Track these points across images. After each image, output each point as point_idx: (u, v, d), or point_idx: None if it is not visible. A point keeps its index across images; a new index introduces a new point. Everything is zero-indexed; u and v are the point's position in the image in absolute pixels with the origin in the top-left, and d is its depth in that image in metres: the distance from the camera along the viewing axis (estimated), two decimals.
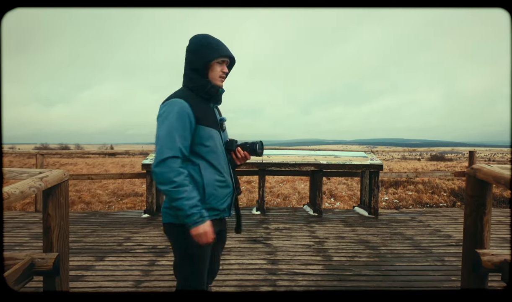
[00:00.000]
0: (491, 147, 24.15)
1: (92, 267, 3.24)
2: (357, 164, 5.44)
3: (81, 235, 4.31)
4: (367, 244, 3.99)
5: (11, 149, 10.04)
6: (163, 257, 3.50)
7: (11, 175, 1.96)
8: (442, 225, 4.88)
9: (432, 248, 3.84)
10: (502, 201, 8.67)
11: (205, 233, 1.48)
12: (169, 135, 1.48)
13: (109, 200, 9.61)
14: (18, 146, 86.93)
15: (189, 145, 1.55)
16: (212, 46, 1.62)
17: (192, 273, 1.61)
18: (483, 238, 1.78)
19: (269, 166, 5.47)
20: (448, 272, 3.14)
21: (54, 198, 1.92)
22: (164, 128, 1.49)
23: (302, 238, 4.19)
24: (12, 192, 1.48)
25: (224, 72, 1.67)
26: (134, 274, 3.07)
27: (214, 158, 1.60)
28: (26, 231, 4.57)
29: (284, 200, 9.72)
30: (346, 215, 5.53)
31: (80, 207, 8.66)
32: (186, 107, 1.53)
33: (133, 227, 4.72)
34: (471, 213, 1.81)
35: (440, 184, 10.84)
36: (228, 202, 1.69)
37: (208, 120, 1.62)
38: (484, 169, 1.72)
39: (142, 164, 5.53)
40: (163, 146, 1.47)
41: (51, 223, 1.90)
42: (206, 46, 1.62)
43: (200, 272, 1.62)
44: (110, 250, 3.75)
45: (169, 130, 1.49)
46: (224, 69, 1.67)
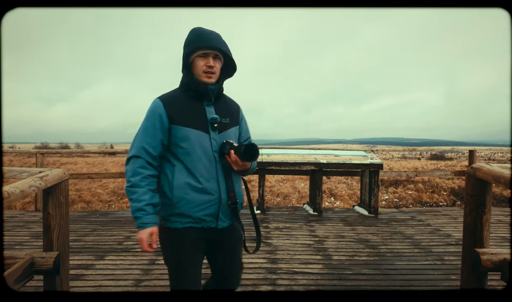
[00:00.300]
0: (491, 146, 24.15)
1: (92, 266, 3.24)
2: (357, 163, 5.44)
3: (81, 234, 4.32)
4: (367, 243, 3.99)
5: (11, 149, 10.04)
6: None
7: (11, 174, 1.96)
8: (442, 224, 4.88)
9: (432, 247, 3.85)
10: (502, 200, 8.67)
11: (140, 239, 1.43)
12: (137, 135, 1.53)
13: (109, 199, 9.61)
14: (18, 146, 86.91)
15: (162, 145, 1.51)
16: (193, 39, 1.51)
17: (173, 276, 1.55)
18: (482, 237, 1.78)
19: (269, 165, 5.47)
20: (448, 271, 3.14)
21: (54, 197, 1.92)
22: (139, 129, 1.54)
23: (302, 237, 4.19)
24: (12, 191, 1.48)
25: (208, 66, 1.51)
26: (134, 273, 3.07)
27: (189, 161, 1.48)
28: (27, 230, 4.57)
29: (284, 199, 9.72)
30: (346, 214, 5.53)
31: (80, 206, 8.67)
32: (158, 107, 1.50)
33: (133, 226, 4.72)
34: (471, 212, 1.81)
35: (440, 183, 10.85)
36: (210, 210, 1.51)
37: (187, 120, 1.50)
38: (483, 168, 1.72)
39: None
40: (131, 146, 1.53)
41: (51, 222, 1.91)
42: (188, 40, 1.53)
43: (179, 278, 1.52)
44: (110, 249, 3.75)
45: (139, 130, 1.53)
46: (208, 62, 1.51)
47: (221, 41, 1.54)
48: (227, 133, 1.58)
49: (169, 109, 1.50)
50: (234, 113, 1.65)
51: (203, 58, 1.51)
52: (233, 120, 1.63)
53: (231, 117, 1.62)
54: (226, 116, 1.59)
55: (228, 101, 1.66)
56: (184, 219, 1.50)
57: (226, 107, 1.62)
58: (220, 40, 1.54)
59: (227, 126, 1.58)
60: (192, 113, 1.53)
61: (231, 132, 1.60)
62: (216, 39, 1.52)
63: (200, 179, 1.49)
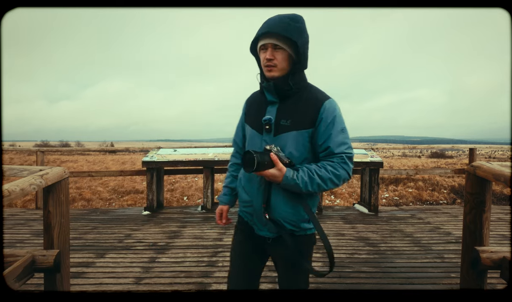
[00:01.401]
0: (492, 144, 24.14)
1: (93, 264, 3.25)
2: (357, 161, 5.44)
3: (81, 232, 4.33)
4: (367, 241, 4.00)
5: (11, 147, 10.04)
6: (163, 254, 3.51)
7: (11, 172, 1.96)
8: (442, 222, 4.88)
9: (432, 245, 3.85)
10: (502, 198, 8.67)
11: (216, 213, 1.62)
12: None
13: (109, 197, 9.62)
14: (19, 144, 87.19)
15: (244, 138, 1.59)
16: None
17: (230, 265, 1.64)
18: (482, 235, 1.78)
19: None
20: (447, 269, 3.15)
21: (54, 195, 1.92)
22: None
23: None
24: (13, 189, 1.48)
25: (267, 59, 1.33)
26: (135, 271, 3.08)
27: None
28: (27, 228, 4.59)
29: None
30: (346, 212, 5.54)
31: (81, 204, 8.68)
32: (244, 103, 1.59)
33: (134, 224, 4.73)
34: (471, 210, 1.81)
35: (440, 181, 10.85)
36: (248, 210, 1.48)
37: (251, 118, 1.48)
38: (483, 166, 1.73)
39: (142, 161, 5.53)
40: None
41: (52, 220, 1.91)
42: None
43: (232, 267, 1.60)
44: (110, 247, 3.76)
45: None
46: (267, 55, 1.33)
47: (279, 25, 1.28)
48: (282, 137, 1.35)
49: (247, 106, 1.56)
50: (306, 114, 1.34)
51: (263, 51, 1.36)
52: (299, 123, 1.34)
53: (298, 119, 1.34)
54: (289, 117, 1.35)
55: (305, 99, 1.37)
56: (239, 207, 1.59)
57: (296, 107, 1.36)
58: (277, 25, 1.29)
59: (286, 129, 1.35)
60: (256, 112, 1.46)
61: (288, 136, 1.35)
62: (273, 25, 1.29)
63: (244, 180, 1.50)
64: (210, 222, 4.80)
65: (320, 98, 1.35)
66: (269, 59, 1.32)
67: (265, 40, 1.32)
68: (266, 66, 1.34)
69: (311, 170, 1.31)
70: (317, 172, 1.30)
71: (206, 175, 5.61)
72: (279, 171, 1.28)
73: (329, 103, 1.34)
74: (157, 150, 6.06)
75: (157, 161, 5.48)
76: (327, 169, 1.31)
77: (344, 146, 1.34)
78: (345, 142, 1.35)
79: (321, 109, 1.33)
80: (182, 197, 9.57)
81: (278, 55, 1.32)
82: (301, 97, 1.37)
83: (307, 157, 1.38)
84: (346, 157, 1.33)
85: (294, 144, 1.34)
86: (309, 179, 1.29)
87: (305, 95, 1.37)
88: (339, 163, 1.33)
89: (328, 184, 1.31)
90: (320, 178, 1.30)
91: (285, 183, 1.29)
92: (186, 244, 3.85)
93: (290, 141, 1.34)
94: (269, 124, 1.36)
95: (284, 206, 1.37)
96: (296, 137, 1.34)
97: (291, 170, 1.30)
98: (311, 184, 1.30)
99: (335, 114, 1.34)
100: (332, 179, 1.31)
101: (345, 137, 1.35)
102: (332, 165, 1.32)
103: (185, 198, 9.52)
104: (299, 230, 1.41)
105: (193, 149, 6.20)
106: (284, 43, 1.31)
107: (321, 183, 1.30)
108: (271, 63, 1.32)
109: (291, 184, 1.29)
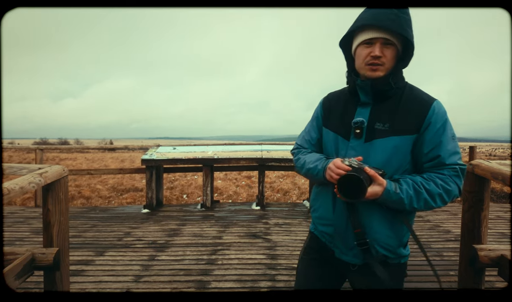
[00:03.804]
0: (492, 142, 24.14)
1: (92, 262, 3.26)
2: None
3: (81, 230, 4.33)
4: None
5: (10, 144, 10.02)
6: (163, 252, 3.52)
7: (11, 170, 1.96)
8: (442, 220, 4.89)
9: (431, 243, 3.87)
10: (502, 196, 8.69)
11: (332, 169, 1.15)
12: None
13: (109, 195, 9.63)
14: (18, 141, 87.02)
15: (318, 142, 1.35)
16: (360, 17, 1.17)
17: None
18: (480, 233, 1.79)
19: (269, 161, 5.47)
20: (447, 267, 3.16)
21: (53, 193, 1.92)
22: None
23: (302, 233, 4.20)
24: (12, 187, 1.48)
25: (373, 56, 1.13)
26: (134, 269, 3.09)
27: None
28: (27, 226, 4.59)
29: (284, 195, 9.74)
30: None
31: (80, 202, 8.68)
32: (319, 105, 1.37)
33: (133, 222, 4.74)
34: (469, 209, 1.82)
35: None
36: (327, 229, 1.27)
37: (333, 122, 1.27)
38: (482, 164, 1.73)
39: (141, 159, 5.53)
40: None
41: (51, 218, 1.91)
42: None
43: (296, 278, 1.43)
44: (110, 245, 3.77)
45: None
46: (375, 52, 1.12)
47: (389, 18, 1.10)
48: (376, 144, 1.15)
49: (325, 107, 1.32)
50: (409, 117, 1.14)
51: (367, 46, 1.15)
52: (401, 127, 1.14)
53: (399, 123, 1.14)
54: (387, 121, 1.15)
55: (406, 100, 1.17)
56: (313, 225, 1.38)
57: (396, 109, 1.16)
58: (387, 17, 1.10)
59: (382, 134, 1.14)
60: (340, 114, 1.25)
61: (385, 143, 1.14)
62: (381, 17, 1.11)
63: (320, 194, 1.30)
64: (210, 220, 4.81)
65: (427, 100, 1.15)
66: (377, 57, 1.12)
67: (373, 33, 1.12)
68: (371, 64, 1.14)
69: (416, 182, 1.11)
70: (425, 186, 1.10)
71: (206, 173, 5.61)
72: (380, 185, 1.08)
73: (438, 105, 1.14)
74: (156, 148, 6.06)
75: (156, 159, 5.48)
76: (436, 183, 1.10)
77: (457, 157, 1.13)
78: (458, 152, 1.14)
79: (429, 112, 1.12)
80: (181, 195, 9.58)
81: (387, 53, 1.13)
82: (401, 98, 1.17)
83: (407, 168, 1.17)
84: (459, 169, 1.12)
85: (393, 153, 1.14)
86: (414, 193, 1.09)
87: (406, 96, 1.17)
88: (451, 175, 1.11)
89: (437, 200, 1.10)
90: (428, 193, 1.09)
91: (385, 198, 1.09)
92: (185, 242, 3.86)
93: (388, 148, 1.14)
94: (360, 128, 1.17)
95: (378, 227, 1.17)
96: (396, 145, 1.13)
97: (392, 182, 1.11)
98: (417, 200, 1.09)
99: (445, 118, 1.14)
100: (442, 195, 1.10)
101: (457, 146, 1.15)
102: (442, 177, 1.11)
103: (185, 196, 9.53)
104: (394, 257, 1.21)
105: (193, 147, 6.20)
106: (396, 39, 1.14)
107: (429, 198, 1.09)
108: (379, 62, 1.13)
109: (393, 199, 1.09)
